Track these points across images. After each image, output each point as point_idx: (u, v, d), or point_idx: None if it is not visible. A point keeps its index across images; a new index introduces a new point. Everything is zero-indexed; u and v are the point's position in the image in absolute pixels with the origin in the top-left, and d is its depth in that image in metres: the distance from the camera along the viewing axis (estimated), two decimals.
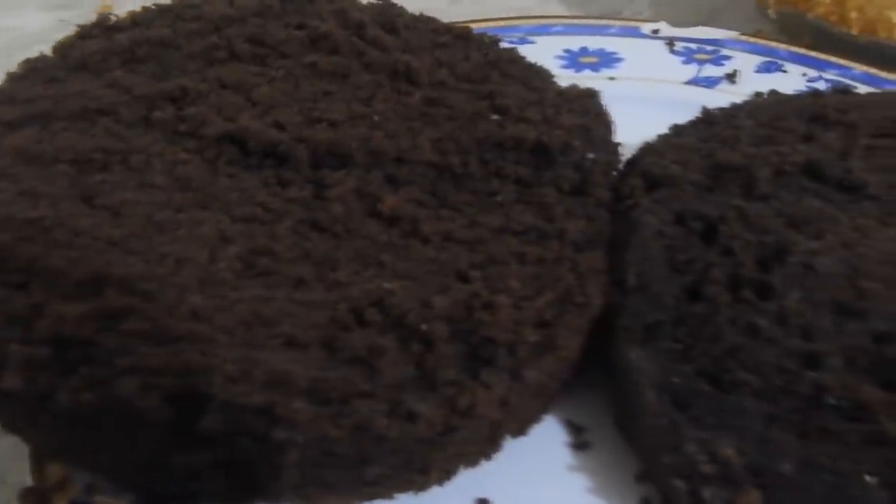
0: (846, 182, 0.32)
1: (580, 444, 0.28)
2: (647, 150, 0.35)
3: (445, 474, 0.26)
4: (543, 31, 0.50)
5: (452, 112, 0.35)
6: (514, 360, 0.25)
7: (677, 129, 0.37)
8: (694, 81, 0.47)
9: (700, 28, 0.51)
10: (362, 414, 0.23)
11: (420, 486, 0.25)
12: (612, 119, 0.36)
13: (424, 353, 0.25)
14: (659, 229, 0.30)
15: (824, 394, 0.24)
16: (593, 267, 0.29)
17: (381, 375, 0.24)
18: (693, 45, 0.49)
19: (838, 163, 0.32)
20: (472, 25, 0.50)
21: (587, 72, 0.48)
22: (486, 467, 0.27)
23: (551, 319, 0.27)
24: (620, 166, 0.35)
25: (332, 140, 0.32)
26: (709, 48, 0.49)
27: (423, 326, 0.25)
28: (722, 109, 0.38)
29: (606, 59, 0.48)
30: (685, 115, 0.39)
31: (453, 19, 0.52)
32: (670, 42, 0.49)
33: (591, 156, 0.33)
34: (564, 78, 0.47)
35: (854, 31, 0.47)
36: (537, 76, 0.38)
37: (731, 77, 0.47)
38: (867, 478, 0.23)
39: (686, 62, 0.48)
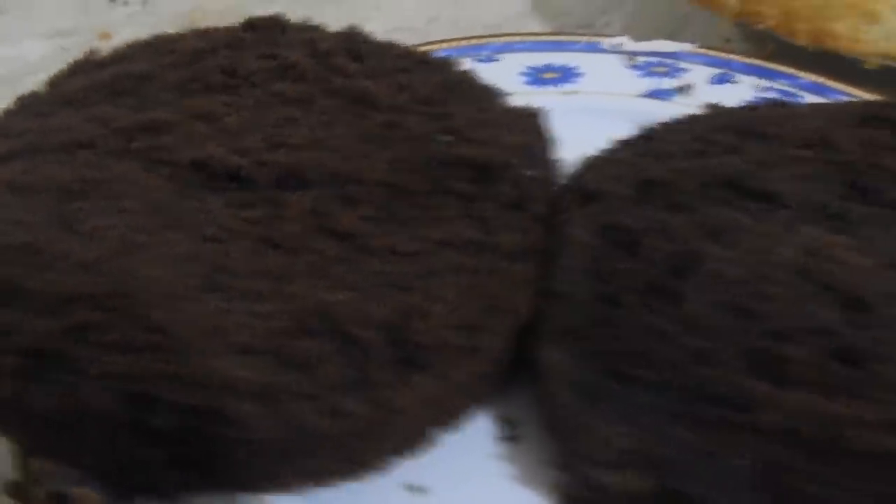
0: (763, 193, 0.34)
1: (510, 437, 0.31)
2: (587, 165, 0.38)
3: (381, 464, 0.29)
4: (508, 48, 0.53)
5: (408, 134, 0.38)
6: (441, 362, 0.28)
7: (617, 144, 0.39)
8: (650, 94, 0.50)
9: (659, 41, 0.53)
10: (304, 414, 0.27)
11: (357, 476, 0.29)
12: (553, 136, 0.39)
13: (362, 359, 0.28)
14: (585, 241, 0.32)
15: (716, 388, 0.27)
16: (523, 277, 0.32)
17: (321, 379, 0.27)
18: (652, 59, 0.52)
19: (758, 174, 0.35)
20: (443, 45, 0.54)
21: (549, 87, 0.50)
22: (419, 458, 0.30)
23: (479, 325, 0.30)
24: (561, 181, 0.38)
25: (291, 164, 0.35)
26: (666, 61, 0.52)
27: (362, 334, 0.29)
28: (663, 124, 0.41)
29: (567, 74, 0.51)
30: (637, 128, 0.41)
31: (431, 37, 0.56)
32: (630, 56, 0.52)
33: (529, 173, 0.36)
34: (526, 94, 0.50)
35: (802, 43, 0.49)
36: (488, 97, 0.41)
37: (684, 89, 0.49)
38: (749, 465, 0.25)
39: (643, 75, 0.51)
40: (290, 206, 0.34)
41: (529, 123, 0.39)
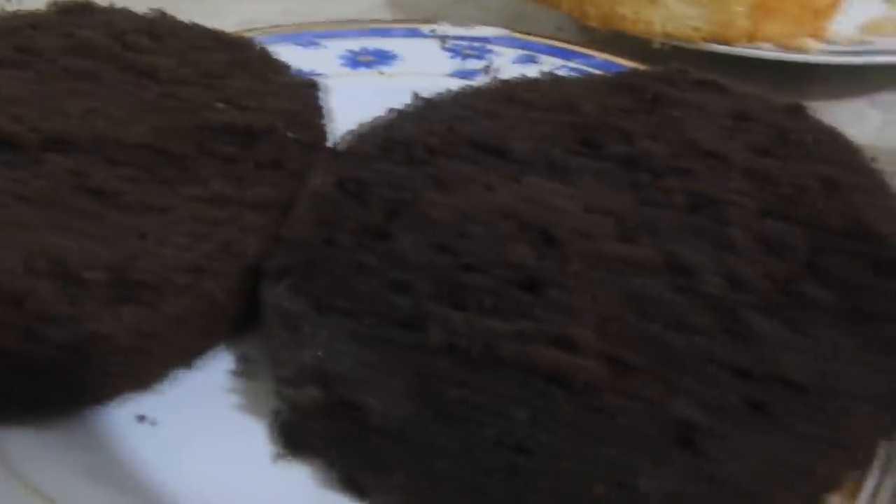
0: (498, 149, 0.37)
1: (244, 372, 0.34)
2: (358, 129, 0.41)
3: (111, 397, 0.31)
4: (334, 35, 0.56)
5: (182, 103, 0.40)
6: (158, 298, 0.31)
7: (390, 113, 0.42)
8: (456, 74, 0.53)
9: (474, 27, 0.56)
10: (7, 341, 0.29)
11: (89, 405, 0.31)
12: (325, 105, 0.42)
13: (82, 295, 0.30)
14: (317, 190, 0.35)
15: (398, 313, 0.30)
16: (258, 224, 0.35)
17: (29, 312, 0.29)
18: (463, 42, 0.55)
19: (498, 134, 0.38)
20: (276, 31, 0.56)
21: (362, 69, 0.53)
22: (153, 392, 0.32)
23: (204, 267, 0.32)
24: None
25: (60, 130, 0.37)
26: (476, 44, 0.55)
27: (84, 274, 0.31)
28: (440, 95, 0.44)
29: (383, 57, 0.54)
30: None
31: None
32: (443, 40, 0.55)
33: (290, 135, 0.39)
34: (342, 75, 0.53)
35: (595, 25, 0.52)
36: (274, 71, 0.44)
37: (487, 69, 0.52)
38: (410, 376, 0.28)
39: (453, 57, 0.54)
40: (49, 166, 0.36)
41: (303, 94, 0.42)
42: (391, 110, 0.43)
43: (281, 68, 0.44)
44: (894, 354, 0.27)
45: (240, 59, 0.44)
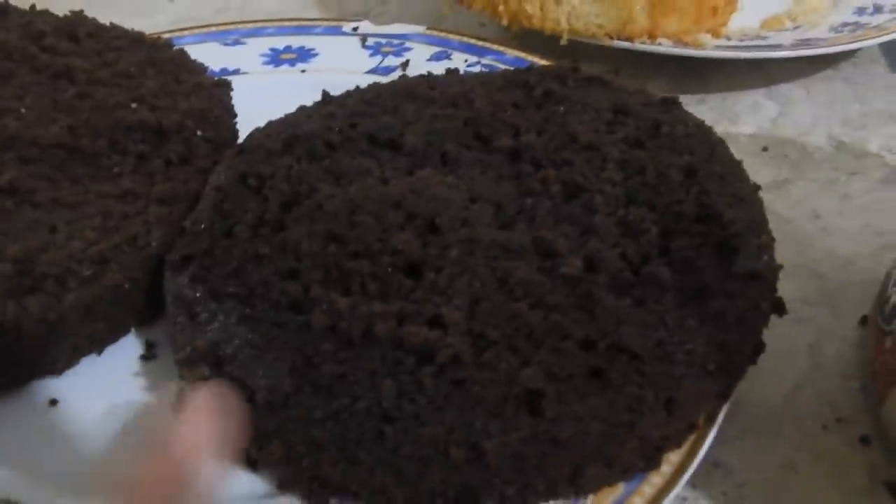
0: (394, 144, 0.40)
1: (149, 356, 0.36)
2: (264, 126, 0.43)
3: (21, 380, 0.34)
4: (257, 33, 0.58)
5: (97, 103, 0.42)
6: (58, 287, 0.33)
7: (298, 110, 0.44)
8: (373, 71, 0.55)
9: (394, 25, 0.59)
10: None
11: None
12: (231, 104, 0.44)
13: None
14: (219, 185, 0.37)
15: (287, 297, 0.32)
16: (164, 218, 0.37)
17: None
18: (382, 40, 0.57)
19: (394, 129, 0.40)
20: (198, 31, 0.58)
21: (285, 66, 0.55)
22: (64, 376, 0.34)
23: (108, 258, 0.34)
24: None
25: None
26: (395, 42, 0.57)
27: None
28: (346, 92, 0.46)
29: (304, 55, 0.56)
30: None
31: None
32: (363, 38, 0.57)
33: (199, 133, 0.41)
34: (263, 73, 0.55)
35: (504, 23, 0.55)
36: (188, 72, 0.46)
37: (404, 66, 0.55)
38: (290, 355, 0.30)
39: (373, 54, 0.56)
40: None
41: (214, 93, 0.44)
42: (299, 107, 0.45)
43: (195, 68, 0.46)
44: (725, 328, 0.30)
45: (155, 59, 0.46)
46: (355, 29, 0.58)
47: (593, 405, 0.27)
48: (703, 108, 0.57)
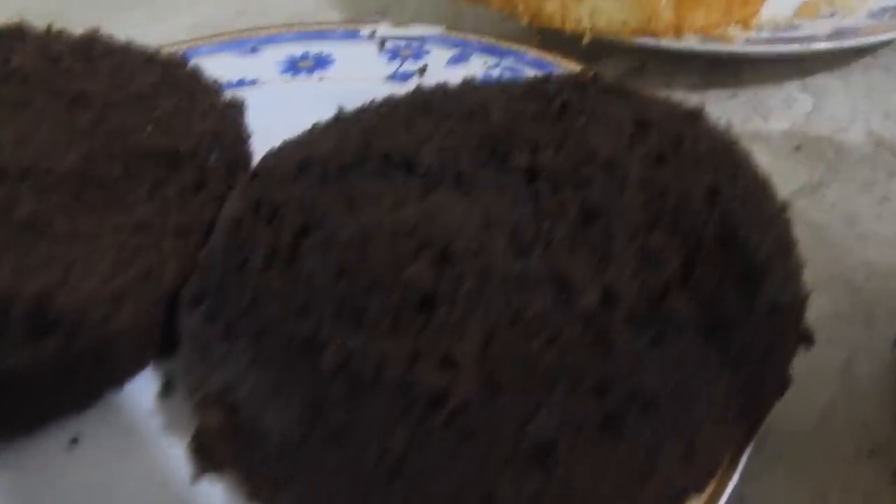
0: (408, 163, 0.39)
1: (167, 393, 0.36)
2: (278, 148, 0.42)
3: (40, 422, 0.34)
4: (272, 41, 0.57)
5: (111, 127, 0.42)
6: (73, 329, 0.33)
7: (312, 127, 0.43)
8: (391, 77, 0.54)
9: (412, 26, 0.57)
10: None
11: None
12: (246, 125, 0.43)
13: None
14: (232, 215, 0.37)
15: (300, 336, 0.32)
16: (178, 251, 0.37)
17: None
18: (401, 43, 0.56)
19: (408, 147, 0.39)
20: (218, 39, 0.58)
21: (303, 75, 0.55)
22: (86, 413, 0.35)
23: (124, 296, 0.34)
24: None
25: None
26: (413, 44, 0.56)
27: (7, 306, 0.33)
28: (362, 106, 0.45)
29: (321, 62, 0.55)
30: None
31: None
32: (381, 41, 0.56)
33: (213, 157, 0.41)
34: (281, 82, 0.55)
35: (525, 23, 0.53)
36: (203, 91, 0.45)
37: (422, 71, 0.54)
38: (301, 399, 0.30)
39: (391, 59, 0.55)
40: None
41: (227, 114, 0.43)
42: (312, 125, 0.44)
43: (209, 87, 0.46)
44: (749, 365, 0.29)
45: (169, 78, 0.46)
46: (373, 33, 0.57)
47: (608, 455, 0.27)
48: (736, 103, 0.55)
